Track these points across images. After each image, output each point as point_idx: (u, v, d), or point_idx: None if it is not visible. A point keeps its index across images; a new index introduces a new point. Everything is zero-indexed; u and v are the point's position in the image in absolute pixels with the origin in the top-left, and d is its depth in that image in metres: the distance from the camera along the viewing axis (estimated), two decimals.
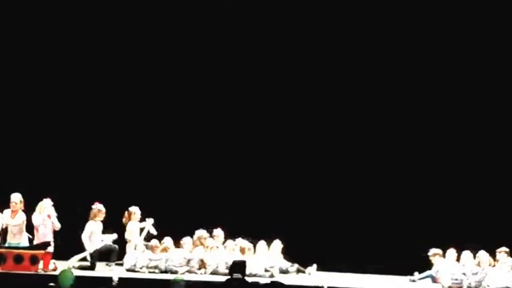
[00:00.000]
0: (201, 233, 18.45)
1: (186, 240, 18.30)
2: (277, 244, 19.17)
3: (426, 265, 18.79)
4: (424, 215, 20.79)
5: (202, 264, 18.18)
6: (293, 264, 19.15)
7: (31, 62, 21.21)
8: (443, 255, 18.60)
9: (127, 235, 18.33)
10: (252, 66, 21.67)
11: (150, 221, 18.51)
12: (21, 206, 17.08)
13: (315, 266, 19.38)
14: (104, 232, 18.08)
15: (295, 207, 21.00)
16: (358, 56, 21.62)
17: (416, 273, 18.85)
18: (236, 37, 21.62)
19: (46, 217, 17.14)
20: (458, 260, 18.53)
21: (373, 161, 21.51)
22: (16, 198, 17.08)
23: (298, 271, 19.17)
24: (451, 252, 18.57)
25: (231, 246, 18.43)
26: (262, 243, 18.88)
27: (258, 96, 21.66)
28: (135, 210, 18.59)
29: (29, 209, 17.25)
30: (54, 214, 17.27)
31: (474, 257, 18.44)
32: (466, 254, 18.49)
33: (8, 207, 17.13)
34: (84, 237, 17.75)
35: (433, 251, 18.66)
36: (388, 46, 21.59)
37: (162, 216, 18.90)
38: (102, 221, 18.04)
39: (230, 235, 18.82)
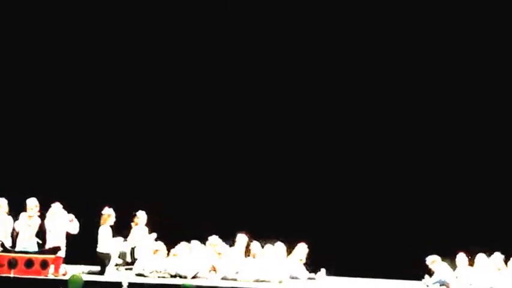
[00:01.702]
0: (213, 239, 18.44)
1: (195, 245, 18.35)
2: (298, 247, 19.19)
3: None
4: (432, 219, 20.79)
5: (213, 270, 18.17)
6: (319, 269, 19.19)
7: (37, 70, 21.35)
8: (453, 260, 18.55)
9: (135, 239, 18.43)
10: (261, 67, 21.73)
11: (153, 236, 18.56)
12: (37, 210, 17.21)
13: (323, 271, 19.36)
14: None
15: (305, 213, 21.01)
16: (361, 57, 21.63)
17: (427, 276, 18.75)
18: (238, 38, 21.67)
19: (57, 222, 17.24)
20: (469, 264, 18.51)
21: (382, 168, 21.52)
22: (32, 203, 17.22)
23: (308, 278, 19.14)
24: (462, 257, 18.50)
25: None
26: (270, 248, 18.86)
27: (274, 104, 21.73)
28: (141, 215, 18.74)
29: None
30: (65, 217, 17.35)
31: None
32: (480, 258, 18.42)
33: (19, 212, 17.25)
34: (102, 242, 17.78)
35: (430, 258, 18.54)
36: (388, 46, 21.58)
37: (173, 221, 18.98)
38: (111, 226, 18.09)
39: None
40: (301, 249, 19.17)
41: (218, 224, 19.00)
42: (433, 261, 18.44)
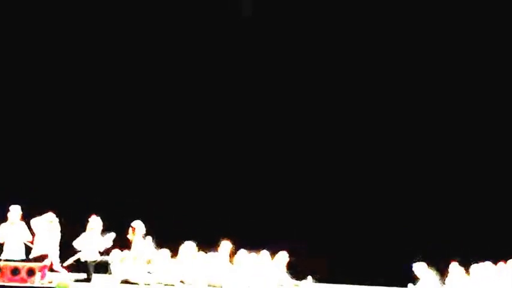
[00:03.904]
0: (190, 245, 18.49)
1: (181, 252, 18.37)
2: (279, 256, 19.23)
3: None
4: (421, 227, 20.91)
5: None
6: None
7: (32, 75, 21.33)
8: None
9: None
10: (255, 72, 21.81)
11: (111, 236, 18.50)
12: (20, 218, 17.21)
13: (310, 278, 19.42)
14: None
15: (293, 220, 21.07)
16: (357, 57, 21.73)
17: (410, 285, 18.87)
18: (238, 39, 21.71)
19: (43, 229, 17.26)
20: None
21: (369, 176, 21.66)
22: (15, 210, 17.23)
23: (294, 285, 19.19)
24: (454, 265, 18.58)
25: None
26: (257, 257, 18.91)
27: (265, 107, 21.79)
28: (138, 225, 18.74)
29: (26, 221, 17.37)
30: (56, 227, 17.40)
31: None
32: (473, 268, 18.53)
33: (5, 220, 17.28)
34: (75, 243, 17.79)
35: (416, 265, 18.63)
36: (388, 47, 21.70)
37: (161, 227, 18.97)
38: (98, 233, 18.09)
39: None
40: (283, 258, 19.20)
41: (201, 231, 19.01)
42: (419, 268, 18.54)
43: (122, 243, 18.39)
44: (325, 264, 19.92)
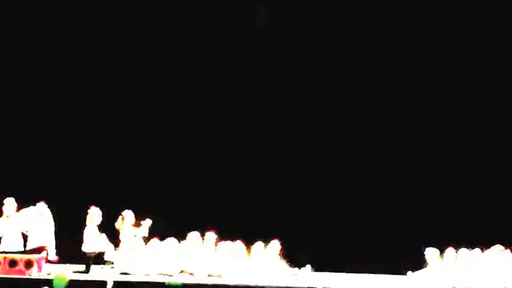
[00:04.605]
0: (193, 235, 18.46)
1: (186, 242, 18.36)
2: (274, 245, 19.21)
3: (420, 264, 18.90)
4: (420, 214, 20.91)
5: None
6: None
7: (29, 67, 21.28)
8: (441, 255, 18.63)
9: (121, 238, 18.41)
10: (250, 71, 21.77)
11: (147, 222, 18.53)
12: (15, 210, 17.18)
13: (309, 266, 19.40)
14: None
15: (289, 208, 21.07)
16: (355, 56, 21.69)
17: (409, 273, 18.88)
18: (235, 38, 21.68)
19: (40, 221, 17.24)
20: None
21: (369, 161, 21.60)
22: (9, 203, 17.19)
23: (292, 273, 19.18)
24: (450, 252, 18.58)
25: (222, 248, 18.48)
26: (259, 245, 18.90)
27: (254, 96, 21.74)
28: (127, 214, 18.69)
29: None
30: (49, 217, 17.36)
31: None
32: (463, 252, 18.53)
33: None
34: (87, 241, 17.77)
35: (429, 250, 18.67)
36: (387, 46, 21.65)
37: (158, 217, 19.00)
38: (98, 225, 18.06)
39: (224, 237, 18.86)
40: (275, 247, 19.17)
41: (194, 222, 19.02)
42: (430, 253, 18.54)
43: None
44: (324, 253, 19.88)
